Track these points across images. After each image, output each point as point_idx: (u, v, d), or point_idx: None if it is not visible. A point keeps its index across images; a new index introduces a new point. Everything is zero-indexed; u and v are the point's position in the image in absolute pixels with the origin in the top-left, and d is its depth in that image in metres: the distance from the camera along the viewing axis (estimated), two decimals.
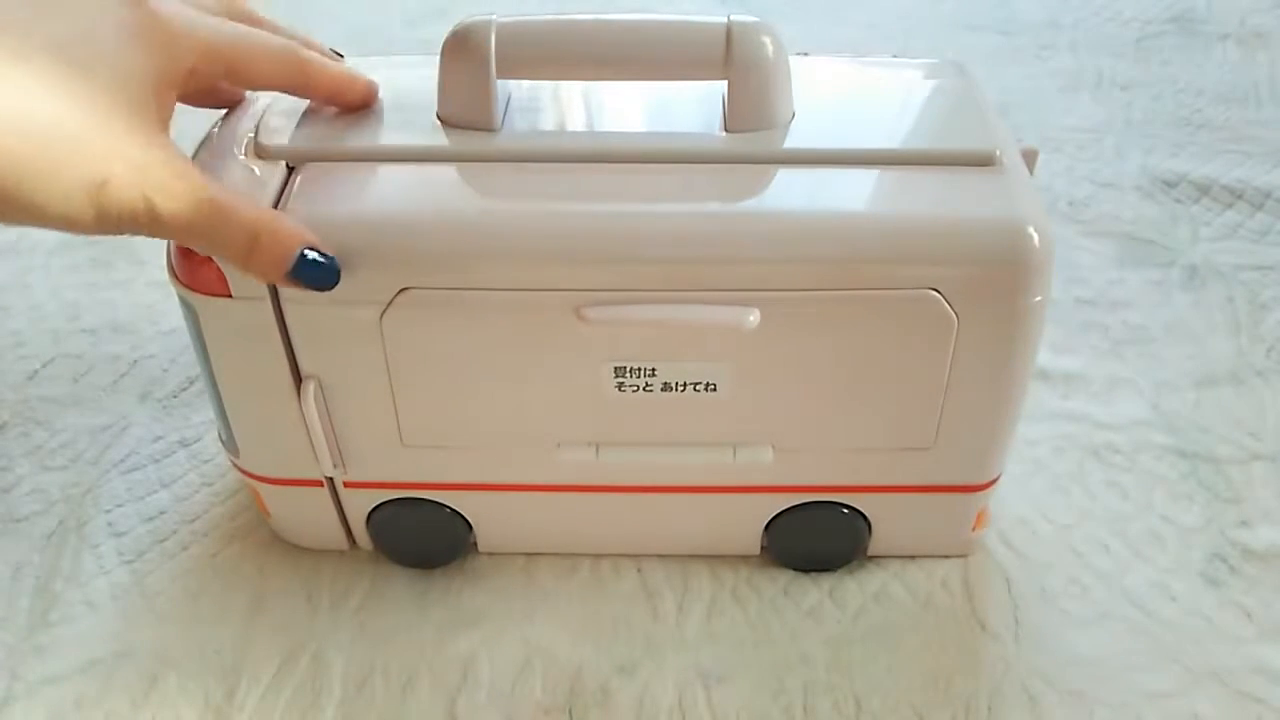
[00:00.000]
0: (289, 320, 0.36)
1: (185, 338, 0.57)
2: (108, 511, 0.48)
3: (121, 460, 0.50)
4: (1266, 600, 0.44)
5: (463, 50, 0.37)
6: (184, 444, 0.51)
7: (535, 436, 0.40)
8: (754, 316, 0.35)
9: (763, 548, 0.45)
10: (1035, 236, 0.34)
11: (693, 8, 0.85)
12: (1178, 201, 0.68)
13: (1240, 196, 0.67)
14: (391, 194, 0.36)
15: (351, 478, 0.42)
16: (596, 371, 0.37)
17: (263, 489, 0.43)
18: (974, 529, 0.44)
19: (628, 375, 0.37)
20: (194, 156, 0.37)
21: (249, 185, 0.35)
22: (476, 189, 0.36)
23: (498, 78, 0.37)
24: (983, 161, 0.36)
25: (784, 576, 0.45)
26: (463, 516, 0.43)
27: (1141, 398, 0.53)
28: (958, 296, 0.35)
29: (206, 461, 0.50)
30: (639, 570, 0.45)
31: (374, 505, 0.43)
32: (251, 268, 0.33)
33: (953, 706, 0.40)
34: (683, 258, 0.35)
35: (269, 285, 0.35)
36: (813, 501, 0.42)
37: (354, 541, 0.45)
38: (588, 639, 0.43)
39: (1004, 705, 0.40)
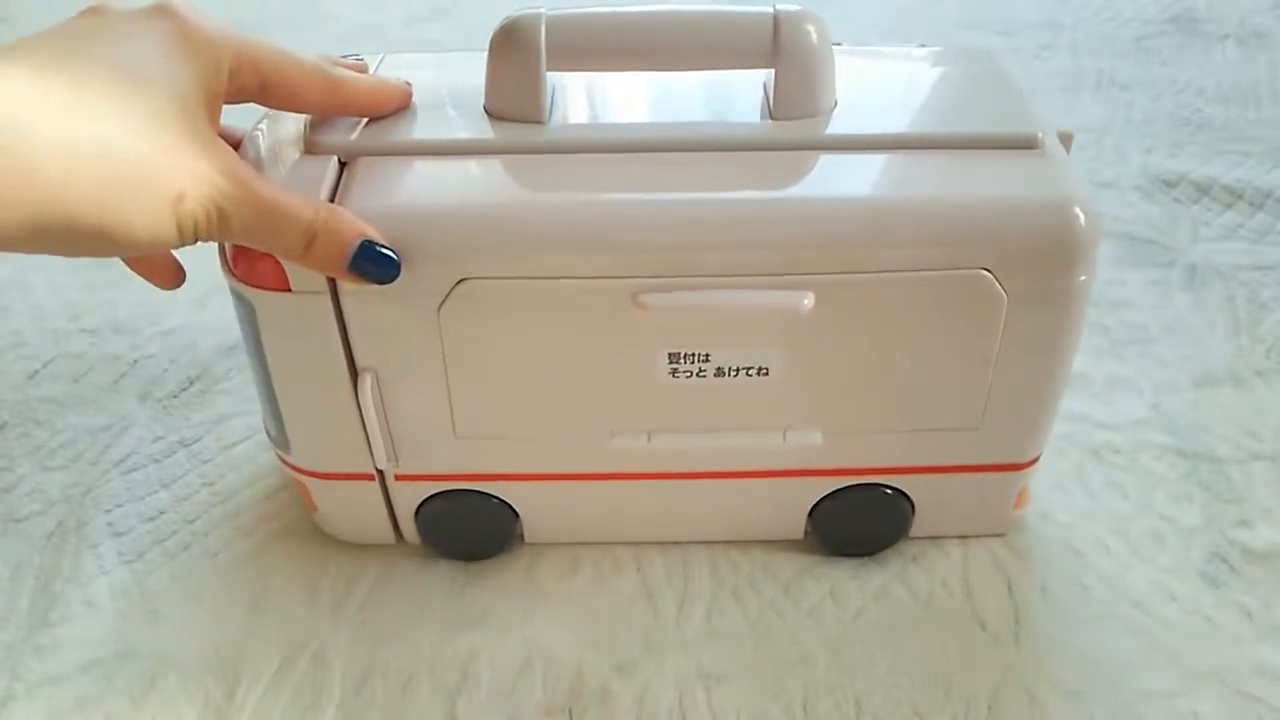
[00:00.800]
0: (346, 314, 0.37)
1: (185, 337, 0.58)
2: (108, 511, 0.48)
3: (121, 460, 0.50)
4: (1266, 600, 0.44)
5: (513, 44, 0.37)
6: (184, 444, 0.51)
7: (588, 425, 0.40)
8: (808, 300, 0.36)
9: (806, 532, 0.45)
10: (1082, 216, 0.35)
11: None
12: (1178, 201, 0.68)
13: (1240, 196, 0.67)
14: (447, 187, 0.37)
15: (403, 471, 0.42)
16: (651, 358, 0.38)
17: (312, 484, 0.43)
18: (1015, 508, 0.45)
19: (681, 361, 0.38)
20: (243, 153, 0.37)
21: (303, 182, 0.36)
22: (531, 180, 0.37)
23: (547, 70, 0.37)
24: (1026, 144, 0.37)
25: (784, 576, 0.45)
26: (511, 507, 0.44)
27: (1141, 398, 0.53)
28: (1008, 276, 0.36)
29: (206, 461, 0.50)
30: (639, 570, 0.45)
31: (424, 498, 0.43)
32: (310, 263, 0.33)
33: (953, 706, 0.40)
34: (738, 243, 0.36)
35: (328, 279, 0.35)
36: (858, 484, 0.43)
37: (400, 535, 0.46)
38: (588, 639, 0.43)
39: (1004, 705, 0.40)
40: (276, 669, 0.42)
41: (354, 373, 0.38)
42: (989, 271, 0.36)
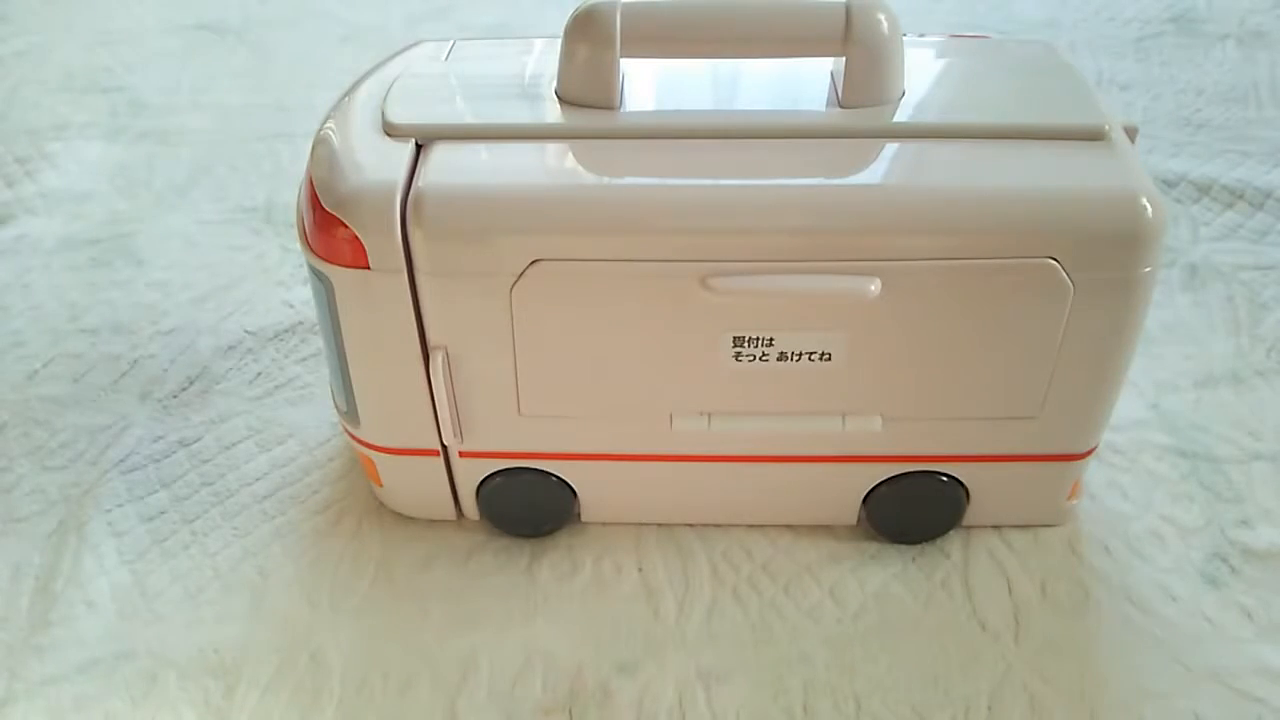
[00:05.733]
0: (421, 292, 0.37)
1: (185, 337, 0.58)
2: (108, 511, 0.48)
3: (121, 460, 0.50)
4: (1266, 600, 0.44)
5: (587, 31, 0.38)
6: (184, 444, 0.51)
7: (650, 406, 0.41)
8: (875, 286, 0.36)
9: (859, 519, 0.46)
10: (1149, 208, 0.35)
11: None
12: (1178, 201, 0.68)
13: (1240, 196, 0.67)
14: (522, 170, 0.37)
15: (467, 448, 0.43)
16: (716, 342, 0.38)
17: (379, 459, 0.44)
18: (1069, 499, 0.45)
19: (746, 345, 0.38)
20: (321, 132, 0.39)
21: (382, 163, 0.37)
22: (605, 164, 0.38)
23: (621, 57, 0.38)
24: (1093, 136, 0.38)
25: (784, 576, 0.45)
26: (569, 486, 0.44)
27: (1141, 398, 0.53)
28: (1075, 266, 0.36)
29: (206, 461, 0.50)
30: (639, 570, 0.45)
31: (485, 475, 0.44)
32: None
33: (953, 706, 0.40)
34: (806, 229, 0.36)
35: (405, 257, 0.36)
36: (914, 471, 0.43)
37: (461, 512, 0.46)
38: (588, 639, 0.43)
39: (1004, 705, 0.40)
40: (276, 669, 0.42)
41: (425, 350, 0.39)
42: (1056, 261, 0.36)
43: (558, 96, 0.40)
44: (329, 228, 0.36)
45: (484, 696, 0.41)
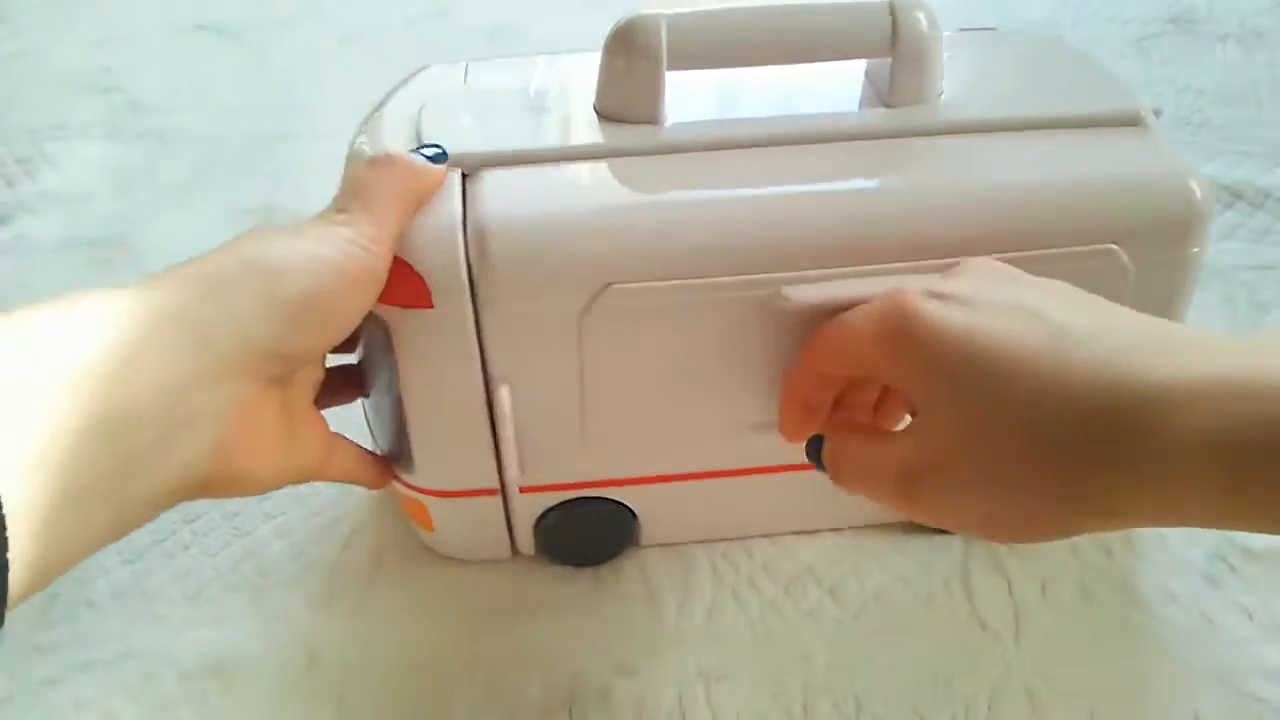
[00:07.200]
0: (485, 326, 0.36)
1: None
2: None
3: None
4: (1266, 600, 0.44)
5: (632, 46, 0.37)
6: None
7: (720, 423, 0.40)
8: None
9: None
10: (1198, 190, 0.36)
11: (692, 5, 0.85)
12: None
13: (1240, 196, 0.67)
14: (583, 192, 0.36)
15: (528, 482, 0.41)
16: (790, 352, 0.37)
17: (433, 503, 0.42)
18: None
19: None
20: (352, 161, 0.38)
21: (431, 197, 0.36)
22: (664, 181, 0.37)
23: (668, 70, 0.37)
24: (1130, 121, 0.39)
25: (784, 576, 0.45)
26: (631, 510, 0.43)
27: None
28: (1134, 249, 0.37)
29: None
30: (639, 570, 0.45)
31: (546, 508, 0.42)
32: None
33: (953, 706, 0.40)
34: (877, 232, 0.36)
35: (469, 292, 0.35)
36: None
37: (516, 550, 0.45)
38: (588, 639, 0.43)
39: (1004, 705, 0.40)
40: (276, 669, 0.42)
41: (488, 386, 0.38)
42: (1118, 246, 0.36)
43: (598, 113, 0.39)
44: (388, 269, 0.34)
45: (484, 696, 0.41)
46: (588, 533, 0.44)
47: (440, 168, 0.35)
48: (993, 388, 0.28)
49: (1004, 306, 0.30)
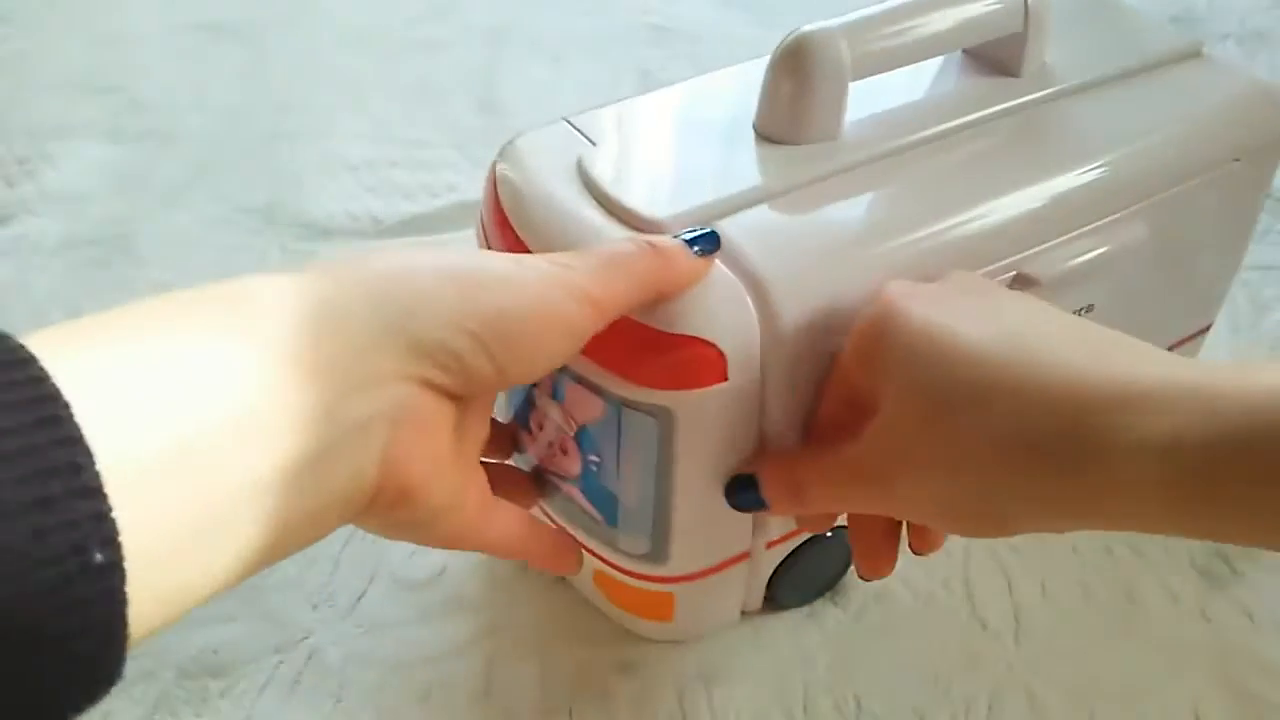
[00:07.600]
0: (768, 388, 0.33)
1: None
2: None
3: None
4: (1266, 600, 0.44)
5: (812, 63, 0.35)
6: None
7: None
8: (1142, 229, 0.39)
9: None
10: None
11: (692, 4, 0.85)
12: None
13: None
14: (822, 228, 0.35)
15: (775, 534, 0.39)
16: None
17: (682, 591, 0.39)
18: None
19: None
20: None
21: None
22: (896, 198, 0.36)
23: (851, 80, 0.36)
24: (1193, 53, 0.43)
25: None
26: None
27: None
28: (1254, 160, 0.41)
29: None
30: None
31: (784, 557, 0.41)
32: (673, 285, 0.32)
33: (953, 706, 0.40)
34: (1087, 197, 0.37)
35: (760, 357, 0.33)
36: None
37: (744, 609, 0.43)
38: (588, 639, 0.43)
39: (1004, 705, 0.40)
40: (276, 668, 0.42)
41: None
42: (1240, 161, 0.41)
43: (764, 137, 0.37)
44: (673, 350, 0.32)
45: (484, 696, 0.41)
46: (819, 569, 0.42)
47: (709, 260, 0.32)
48: (957, 374, 0.29)
49: (973, 308, 0.31)
